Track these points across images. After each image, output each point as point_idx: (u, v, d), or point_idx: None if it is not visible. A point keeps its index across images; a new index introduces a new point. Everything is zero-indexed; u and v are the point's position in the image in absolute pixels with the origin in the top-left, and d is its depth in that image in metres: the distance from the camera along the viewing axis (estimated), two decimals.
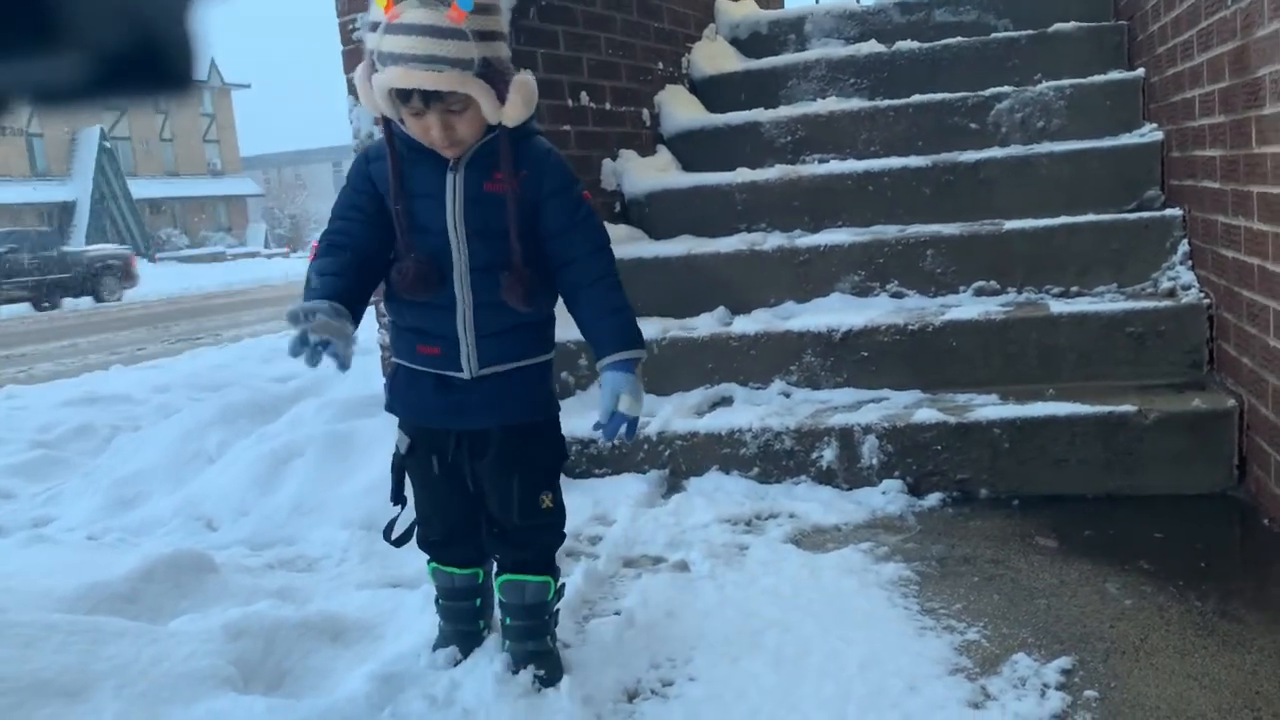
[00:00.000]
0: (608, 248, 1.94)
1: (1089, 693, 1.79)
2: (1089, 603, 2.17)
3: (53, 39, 0.42)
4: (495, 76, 1.73)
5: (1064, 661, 1.90)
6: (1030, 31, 4.33)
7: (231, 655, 1.92)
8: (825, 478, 2.98)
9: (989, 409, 2.92)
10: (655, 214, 4.11)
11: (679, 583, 2.37)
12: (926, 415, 2.92)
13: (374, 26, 1.75)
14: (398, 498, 1.96)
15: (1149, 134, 3.64)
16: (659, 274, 3.70)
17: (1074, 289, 3.38)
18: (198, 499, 3.25)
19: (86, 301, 23.82)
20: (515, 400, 1.87)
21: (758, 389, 3.33)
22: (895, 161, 3.86)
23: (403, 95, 1.72)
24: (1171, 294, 3.18)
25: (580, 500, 2.91)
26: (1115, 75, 3.95)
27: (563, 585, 2.02)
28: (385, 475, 2.99)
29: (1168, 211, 3.34)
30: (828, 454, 2.98)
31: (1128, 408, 2.79)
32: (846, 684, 1.86)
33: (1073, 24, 4.25)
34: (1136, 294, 3.26)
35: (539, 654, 1.92)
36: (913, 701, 1.79)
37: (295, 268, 36.03)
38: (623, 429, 1.83)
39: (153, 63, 0.45)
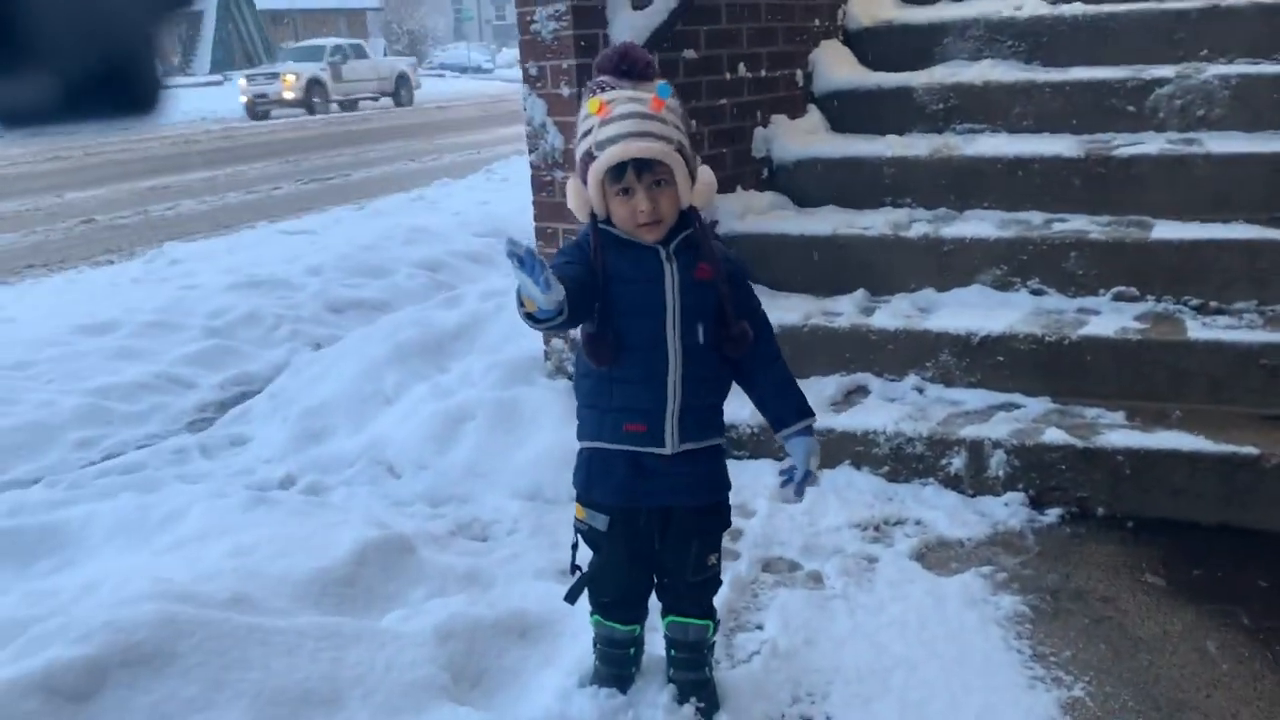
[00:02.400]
0: (772, 327, 2.22)
1: None
2: (1188, 663, 2.41)
3: (19, 61, 0.42)
4: (688, 159, 2.01)
5: None
6: (1201, 4, 4.21)
7: (443, 660, 2.31)
8: (952, 483, 3.22)
9: (1115, 434, 3.10)
10: (802, 181, 4.24)
11: (815, 601, 2.67)
12: (1054, 436, 3.11)
13: (587, 131, 2.00)
14: (575, 568, 2.22)
15: None
16: (804, 251, 3.88)
17: (1213, 304, 3.45)
18: (380, 444, 3.66)
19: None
20: (706, 481, 2.14)
21: (892, 381, 3.54)
22: (1047, 148, 3.89)
23: (616, 172, 1.95)
24: None
25: None
26: None
27: (719, 622, 2.34)
28: (548, 449, 3.36)
29: None
30: (956, 462, 3.21)
31: (1250, 450, 2.94)
32: None
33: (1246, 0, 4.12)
34: (1274, 319, 3.33)
35: (700, 684, 2.26)
36: None
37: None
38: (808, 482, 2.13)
39: (118, 86, 0.46)
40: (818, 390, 3.49)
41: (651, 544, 2.18)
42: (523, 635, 2.52)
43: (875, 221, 3.92)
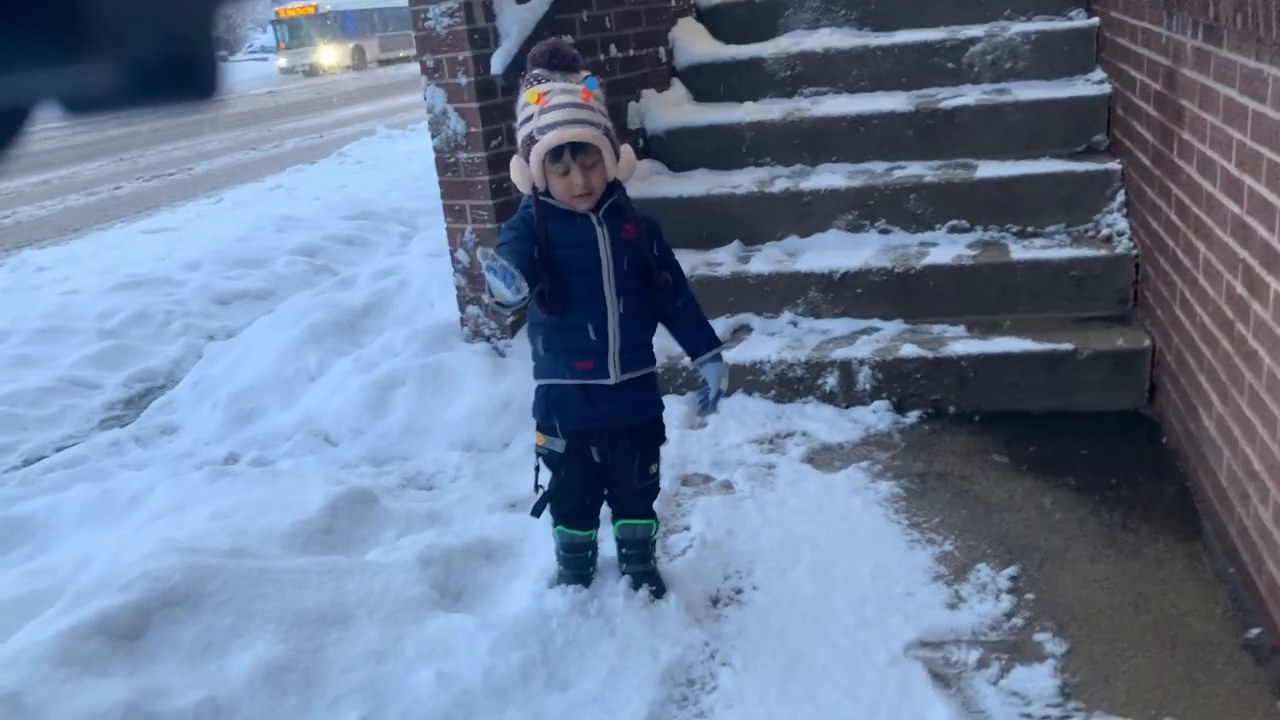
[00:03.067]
0: (684, 273, 2.68)
1: (1028, 595, 2.64)
2: (1030, 517, 3.00)
3: (80, 46, 0.42)
4: (613, 141, 2.41)
5: (1012, 570, 2.74)
6: None
7: (429, 581, 2.70)
8: (828, 399, 3.76)
9: (959, 344, 3.69)
10: (674, 148, 4.70)
11: (729, 503, 3.16)
12: (909, 351, 3.68)
13: (528, 118, 2.36)
14: (538, 487, 2.62)
15: (1100, 84, 4.27)
16: (683, 211, 4.34)
17: (1030, 229, 4.09)
18: (314, 417, 3.96)
19: None
20: (644, 404, 2.58)
21: (770, 318, 4.06)
22: (884, 105, 4.45)
23: (555, 154, 2.34)
24: (1108, 240, 3.90)
25: None
26: (1075, 24, 4.53)
27: (659, 521, 2.79)
28: (477, 405, 3.73)
29: (1109, 165, 4.01)
30: (830, 380, 3.74)
31: (1067, 346, 3.57)
32: (863, 590, 2.69)
33: None
34: (1080, 236, 3.99)
35: (648, 573, 2.71)
36: (910, 604, 2.62)
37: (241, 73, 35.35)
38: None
39: (179, 70, 0.46)
40: None
41: (602, 460, 2.61)
42: (488, 557, 2.93)
43: (742, 180, 4.41)
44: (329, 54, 36.59)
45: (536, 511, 2.66)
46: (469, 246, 4.00)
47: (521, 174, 2.43)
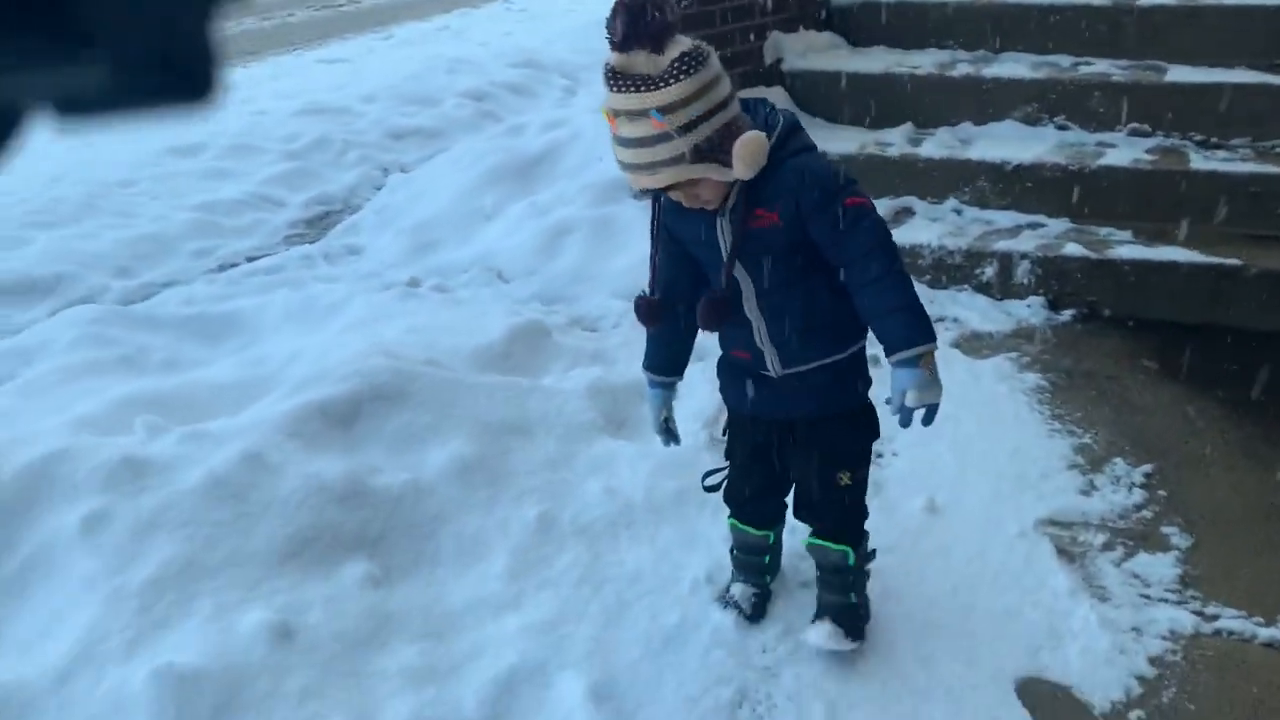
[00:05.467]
0: (883, 245, 1.92)
1: (1160, 492, 2.76)
2: (1173, 422, 3.09)
3: (76, 49, 0.40)
4: (714, 151, 1.79)
5: (1147, 467, 2.85)
6: None
7: (597, 409, 2.96)
8: (984, 289, 3.84)
9: (1123, 249, 3.70)
10: (855, 21, 4.70)
11: (877, 378, 3.32)
12: (1072, 250, 3.72)
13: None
14: (728, 455, 2.30)
15: None
16: (859, 88, 4.38)
17: (1214, 139, 4.01)
18: (488, 254, 4.24)
19: None
20: (817, 396, 2.08)
21: (934, 204, 4.12)
22: None
23: None
24: None
25: None
26: None
27: (872, 551, 2.27)
28: (642, 257, 3.93)
29: None
30: (988, 271, 3.82)
31: (1235, 261, 3.56)
32: (1000, 467, 2.85)
33: None
34: (1265, 152, 3.90)
35: (840, 607, 2.22)
36: (1044, 485, 2.78)
37: None
38: (920, 414, 1.91)
39: (178, 73, 0.44)
40: None
41: (773, 450, 2.21)
42: (643, 394, 3.17)
43: (923, 61, 4.41)
44: None
45: (708, 484, 2.34)
46: None
47: None
